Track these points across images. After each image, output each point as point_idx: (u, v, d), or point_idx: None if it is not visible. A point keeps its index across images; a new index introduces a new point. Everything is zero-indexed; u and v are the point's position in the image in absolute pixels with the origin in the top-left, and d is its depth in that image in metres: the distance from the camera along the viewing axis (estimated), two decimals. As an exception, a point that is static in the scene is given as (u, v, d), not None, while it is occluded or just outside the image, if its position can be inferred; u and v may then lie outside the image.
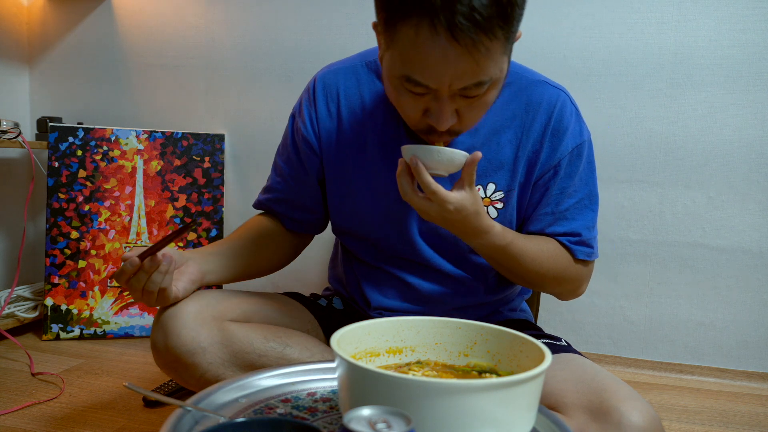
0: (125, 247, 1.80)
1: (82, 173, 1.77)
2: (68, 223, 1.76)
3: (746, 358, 1.62)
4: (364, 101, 0.95)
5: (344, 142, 0.96)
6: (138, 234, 1.80)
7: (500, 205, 0.94)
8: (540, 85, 0.92)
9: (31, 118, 2.03)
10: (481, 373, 0.67)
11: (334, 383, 0.71)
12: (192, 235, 1.82)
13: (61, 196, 1.76)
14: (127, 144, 1.80)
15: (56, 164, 1.76)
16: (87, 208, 1.78)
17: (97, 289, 1.78)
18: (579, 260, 0.96)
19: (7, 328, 1.68)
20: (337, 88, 0.97)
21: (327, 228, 1.10)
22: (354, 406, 0.47)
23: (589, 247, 0.95)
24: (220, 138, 1.86)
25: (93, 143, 1.78)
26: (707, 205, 1.62)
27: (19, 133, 1.69)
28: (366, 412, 0.44)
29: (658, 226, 1.65)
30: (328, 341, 0.99)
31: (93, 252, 1.78)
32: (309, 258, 1.79)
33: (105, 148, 1.79)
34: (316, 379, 0.72)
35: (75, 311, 1.76)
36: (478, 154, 0.78)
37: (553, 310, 1.73)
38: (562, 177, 0.92)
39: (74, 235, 1.77)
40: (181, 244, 1.81)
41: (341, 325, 0.67)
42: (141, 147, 1.81)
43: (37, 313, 1.79)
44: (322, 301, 1.09)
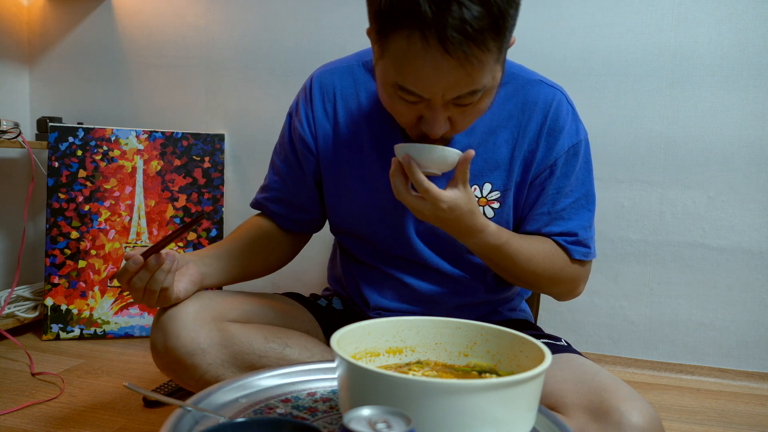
0: (125, 247, 1.80)
1: (82, 173, 1.78)
2: (68, 223, 1.76)
3: (746, 358, 1.62)
4: (361, 101, 0.95)
5: (341, 141, 0.96)
6: (138, 234, 1.80)
7: (496, 205, 0.94)
8: (536, 85, 0.92)
9: (31, 118, 2.03)
10: (481, 373, 0.67)
11: (334, 383, 0.71)
12: (192, 235, 1.82)
13: (61, 196, 1.76)
14: (127, 144, 1.80)
15: (56, 164, 1.76)
16: (87, 208, 1.78)
17: (97, 289, 1.78)
18: (576, 260, 0.95)
19: (7, 328, 1.68)
20: (334, 88, 0.96)
21: (327, 228, 1.10)
22: (354, 406, 0.47)
23: (585, 247, 0.95)
24: (220, 138, 1.86)
25: (93, 143, 1.78)
26: (707, 205, 1.62)
27: (19, 133, 1.69)
28: (366, 412, 0.44)
29: (658, 226, 1.65)
30: (327, 341, 0.99)
31: (93, 252, 1.78)
32: (309, 258, 1.79)
33: (105, 148, 1.79)
34: (316, 379, 0.72)
35: (75, 311, 1.76)
36: (471, 152, 0.78)
37: (553, 310, 1.73)
38: (559, 176, 0.92)
39: (74, 235, 1.77)
40: (181, 244, 1.81)
41: (341, 325, 0.67)
42: (141, 147, 1.81)
43: (37, 313, 1.79)
44: (322, 301, 1.09)
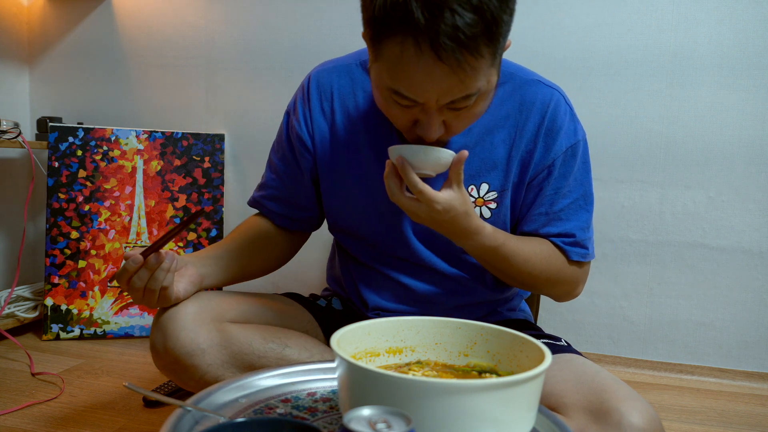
0: (125, 247, 1.80)
1: (82, 173, 1.77)
2: (68, 223, 1.76)
3: (746, 358, 1.62)
4: (358, 101, 0.95)
5: (338, 141, 0.96)
6: (138, 234, 1.80)
7: (493, 205, 0.93)
8: (534, 85, 0.92)
9: (31, 118, 2.03)
10: (481, 373, 0.67)
11: (334, 383, 0.71)
12: (192, 235, 1.82)
13: (61, 196, 1.76)
14: (127, 144, 1.80)
15: (56, 164, 1.76)
16: (87, 208, 1.78)
17: (97, 289, 1.78)
18: (573, 261, 0.95)
19: (7, 328, 1.68)
20: (331, 87, 0.96)
21: (326, 228, 1.10)
22: (354, 406, 0.47)
23: (583, 248, 0.95)
24: (220, 138, 1.86)
25: (93, 143, 1.78)
26: (707, 205, 1.62)
27: (19, 133, 1.69)
28: (366, 412, 0.44)
29: (658, 226, 1.65)
30: (327, 342, 0.99)
31: (93, 252, 1.78)
32: (308, 258, 1.79)
33: (105, 148, 1.79)
34: (316, 379, 0.72)
35: (75, 311, 1.76)
36: (465, 153, 0.78)
37: (553, 310, 1.73)
38: (557, 177, 0.92)
39: (74, 235, 1.77)
40: (181, 244, 1.81)
41: (340, 325, 0.67)
42: (141, 147, 1.81)
43: (37, 313, 1.79)
44: (322, 301, 1.09)
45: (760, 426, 1.35)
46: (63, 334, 1.75)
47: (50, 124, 1.76)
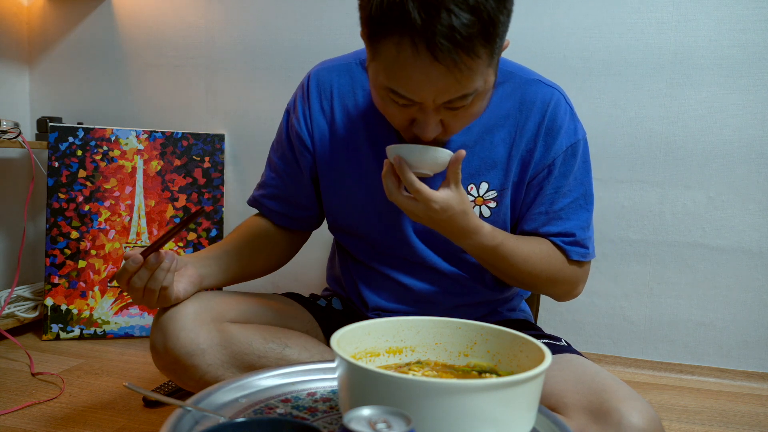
0: (125, 247, 1.80)
1: (82, 173, 1.78)
2: (68, 223, 1.76)
3: (746, 358, 1.62)
4: (357, 100, 0.95)
5: (337, 140, 0.96)
6: (138, 234, 1.80)
7: (493, 204, 0.93)
8: (534, 84, 0.92)
9: (31, 118, 2.03)
10: (481, 373, 0.67)
11: (334, 383, 0.71)
12: (192, 235, 1.82)
13: (61, 196, 1.76)
14: (127, 144, 1.80)
15: (56, 164, 1.76)
16: (87, 208, 1.78)
17: (97, 289, 1.78)
18: (573, 261, 0.95)
19: (7, 328, 1.68)
20: (331, 86, 0.96)
21: (326, 228, 1.10)
22: (354, 406, 0.47)
23: (583, 247, 0.94)
24: (220, 138, 1.86)
25: (93, 143, 1.78)
26: (707, 205, 1.62)
27: (19, 133, 1.69)
28: (366, 412, 0.44)
29: (658, 226, 1.65)
30: (327, 342, 0.99)
31: (93, 252, 1.78)
32: (308, 258, 1.79)
33: (105, 148, 1.79)
34: (316, 379, 0.72)
35: (75, 311, 1.76)
36: (462, 153, 0.78)
37: (553, 310, 1.73)
38: (557, 176, 0.92)
39: (74, 235, 1.77)
40: (181, 244, 1.81)
41: (341, 325, 0.67)
42: (141, 147, 1.81)
43: (37, 313, 1.79)
44: (322, 301, 1.09)
45: (760, 426, 1.35)
46: (63, 334, 1.75)
47: (50, 124, 1.76)
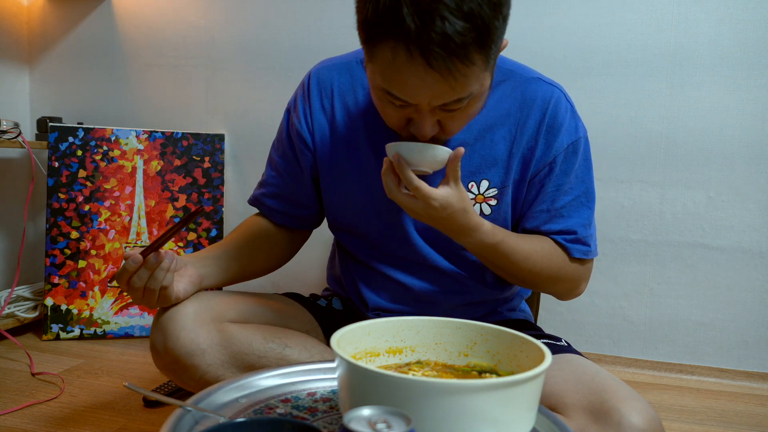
0: (125, 247, 1.80)
1: (82, 173, 1.78)
2: (68, 223, 1.76)
3: (746, 358, 1.62)
4: (358, 98, 0.95)
5: (338, 138, 0.96)
6: (138, 234, 1.80)
7: (494, 202, 0.93)
8: (534, 82, 0.92)
9: (31, 118, 2.03)
10: (481, 373, 0.67)
11: (334, 383, 0.71)
12: (192, 235, 1.82)
13: (61, 196, 1.76)
14: (127, 144, 1.80)
15: (56, 164, 1.76)
16: (87, 208, 1.78)
17: (97, 289, 1.78)
18: (575, 259, 0.95)
19: (7, 328, 1.68)
20: (332, 85, 0.97)
21: (326, 228, 1.10)
22: (354, 406, 0.47)
23: (585, 245, 0.94)
24: (220, 138, 1.86)
25: (93, 143, 1.78)
26: (707, 205, 1.62)
27: (19, 133, 1.69)
28: (366, 412, 0.44)
29: (658, 226, 1.65)
30: (327, 341, 0.99)
31: (93, 252, 1.78)
32: (308, 258, 1.79)
33: (105, 148, 1.79)
34: (316, 379, 0.72)
35: (75, 311, 1.76)
36: (461, 150, 0.78)
37: (553, 310, 1.73)
38: (558, 174, 0.92)
39: (74, 235, 1.77)
40: (181, 244, 1.81)
41: (341, 325, 0.67)
42: (141, 147, 1.81)
43: (37, 313, 1.79)
44: (322, 301, 1.09)
45: (760, 426, 1.35)
46: (63, 334, 1.75)
47: (50, 124, 1.76)
